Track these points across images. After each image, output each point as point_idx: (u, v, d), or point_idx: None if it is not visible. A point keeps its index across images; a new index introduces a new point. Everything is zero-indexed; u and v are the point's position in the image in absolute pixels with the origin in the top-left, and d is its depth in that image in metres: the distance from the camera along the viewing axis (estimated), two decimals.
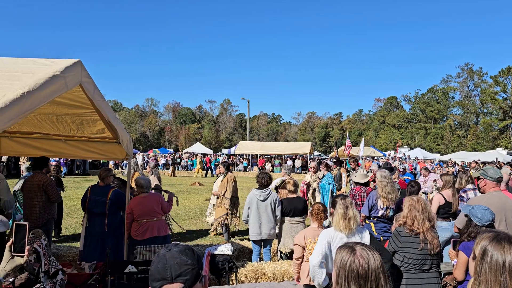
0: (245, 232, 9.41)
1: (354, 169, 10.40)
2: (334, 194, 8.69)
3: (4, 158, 21.48)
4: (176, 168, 31.01)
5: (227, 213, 7.94)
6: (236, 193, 8.29)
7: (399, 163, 20.45)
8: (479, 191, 4.69)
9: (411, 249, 3.52)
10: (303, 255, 4.05)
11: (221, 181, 8.29)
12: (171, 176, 27.83)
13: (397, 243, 3.61)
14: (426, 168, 12.29)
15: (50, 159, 23.29)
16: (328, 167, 9.55)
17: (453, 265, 3.44)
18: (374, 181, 6.78)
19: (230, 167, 9.05)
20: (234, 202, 8.17)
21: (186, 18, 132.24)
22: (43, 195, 5.85)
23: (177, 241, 7.08)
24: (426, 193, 11.05)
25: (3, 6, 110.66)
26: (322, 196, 9.09)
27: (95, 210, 5.53)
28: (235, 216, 8.18)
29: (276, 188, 7.94)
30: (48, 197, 5.91)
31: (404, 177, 10.31)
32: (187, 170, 33.22)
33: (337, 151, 17.36)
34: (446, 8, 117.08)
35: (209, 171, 29.25)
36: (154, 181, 8.16)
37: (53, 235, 7.27)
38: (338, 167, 10.70)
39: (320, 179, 9.25)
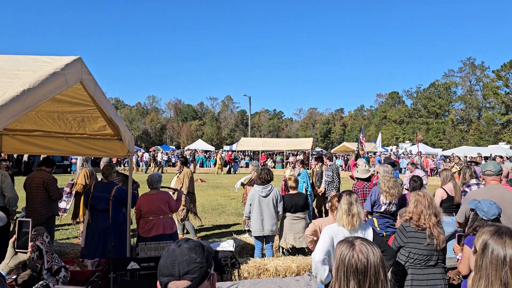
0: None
1: (328, 164, 9.51)
2: (308, 193, 8.22)
3: (25, 157, 21.88)
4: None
5: (183, 209, 7.85)
6: (193, 188, 8.18)
7: (419, 157, 19.84)
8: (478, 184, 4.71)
9: (417, 244, 3.50)
10: (313, 236, 4.23)
11: (177, 176, 8.20)
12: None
13: (402, 238, 3.60)
14: (413, 163, 11.78)
15: (73, 157, 23.51)
16: (304, 164, 8.89)
17: (458, 259, 3.43)
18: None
19: (188, 162, 8.83)
20: (191, 197, 8.06)
21: (187, 15, 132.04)
22: (44, 192, 5.86)
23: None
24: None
25: (6, 6, 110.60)
26: None
27: (98, 206, 5.53)
28: (191, 212, 8.07)
29: (243, 185, 7.91)
30: (49, 195, 5.92)
31: None
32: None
33: (359, 147, 16.62)
34: (447, 3, 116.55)
35: (231, 168, 29.26)
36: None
37: None
38: (320, 164, 9.97)
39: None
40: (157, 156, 31.90)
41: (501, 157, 16.75)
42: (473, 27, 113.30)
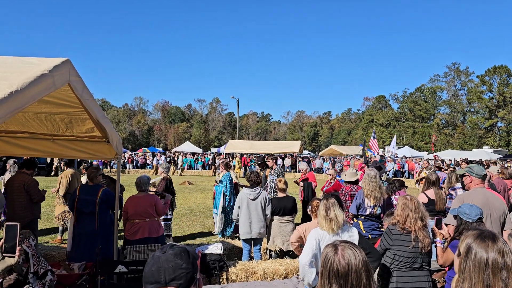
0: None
1: (272, 168, 8.98)
2: (227, 198, 7.91)
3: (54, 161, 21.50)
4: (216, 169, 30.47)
5: (65, 211, 7.68)
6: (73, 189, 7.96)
7: (434, 161, 18.46)
8: (463, 189, 4.74)
9: (402, 247, 3.57)
10: (299, 243, 4.16)
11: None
12: (212, 176, 27.90)
13: (388, 241, 3.66)
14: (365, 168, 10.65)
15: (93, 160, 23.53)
16: (227, 167, 8.37)
17: (435, 242, 3.44)
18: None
19: (72, 164, 8.65)
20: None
21: (175, 17, 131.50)
22: (24, 195, 5.77)
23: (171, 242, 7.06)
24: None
25: None
26: (215, 200, 8.15)
27: (85, 209, 5.48)
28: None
29: (154, 186, 7.76)
30: (30, 198, 5.82)
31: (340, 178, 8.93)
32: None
33: (365, 150, 15.86)
34: (433, 8, 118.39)
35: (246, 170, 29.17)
36: (7, 178, 7.88)
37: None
38: (264, 169, 9.42)
39: (217, 182, 8.33)
40: (177, 159, 31.34)
41: (468, 162, 16.38)
42: (458, 32, 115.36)
